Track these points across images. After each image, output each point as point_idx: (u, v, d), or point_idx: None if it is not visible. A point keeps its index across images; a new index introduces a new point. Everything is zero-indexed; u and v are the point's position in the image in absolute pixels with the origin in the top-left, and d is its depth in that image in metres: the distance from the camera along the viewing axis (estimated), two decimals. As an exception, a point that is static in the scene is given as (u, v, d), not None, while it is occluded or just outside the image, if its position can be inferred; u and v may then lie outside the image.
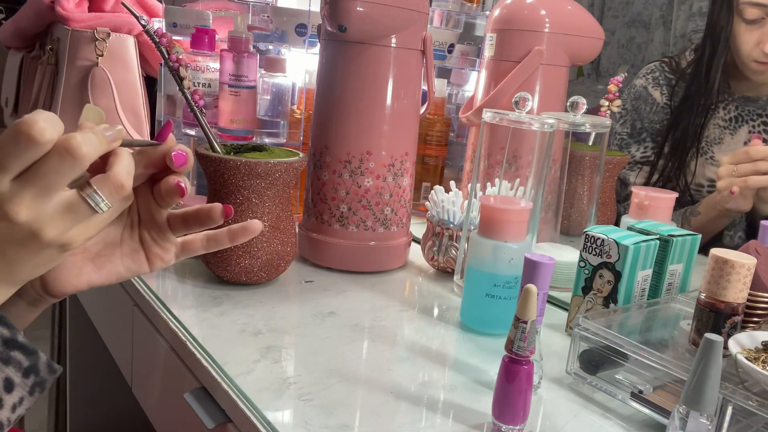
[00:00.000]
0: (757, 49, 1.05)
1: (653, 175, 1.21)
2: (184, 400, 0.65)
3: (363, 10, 0.82)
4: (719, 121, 1.16)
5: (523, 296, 0.53)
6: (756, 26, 1.05)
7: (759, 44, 1.04)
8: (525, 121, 0.80)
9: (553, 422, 0.59)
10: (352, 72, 0.87)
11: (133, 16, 0.80)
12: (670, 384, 0.58)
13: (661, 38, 1.41)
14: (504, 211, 0.73)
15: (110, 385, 1.48)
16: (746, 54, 1.07)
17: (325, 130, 0.90)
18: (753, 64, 1.07)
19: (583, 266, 0.74)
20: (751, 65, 1.08)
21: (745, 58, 1.08)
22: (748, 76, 1.11)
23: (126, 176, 0.46)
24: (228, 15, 1.17)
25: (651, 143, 1.20)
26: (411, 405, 0.59)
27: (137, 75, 1.33)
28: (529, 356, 0.55)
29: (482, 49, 1.08)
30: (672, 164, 1.18)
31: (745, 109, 1.14)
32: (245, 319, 0.73)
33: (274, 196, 0.79)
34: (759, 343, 0.58)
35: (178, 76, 0.80)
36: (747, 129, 1.14)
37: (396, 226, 0.92)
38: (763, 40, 1.03)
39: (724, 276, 0.61)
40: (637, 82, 1.24)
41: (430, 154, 1.26)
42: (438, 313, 0.82)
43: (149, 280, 0.82)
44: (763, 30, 1.03)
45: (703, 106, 1.14)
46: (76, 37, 1.26)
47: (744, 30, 1.07)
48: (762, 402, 0.51)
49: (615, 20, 1.46)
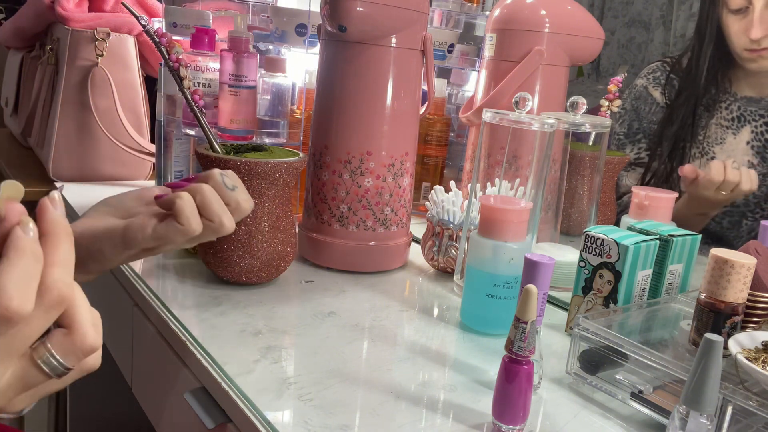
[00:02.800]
0: (744, 37, 1.07)
1: (646, 175, 1.21)
2: (184, 400, 0.65)
3: (363, 10, 0.82)
4: (722, 121, 1.16)
5: (523, 297, 0.53)
6: (742, 15, 1.07)
7: (746, 32, 1.06)
8: (525, 121, 0.80)
9: (553, 422, 0.59)
10: (352, 72, 0.87)
11: (133, 16, 0.80)
12: (670, 384, 0.58)
13: (661, 38, 1.41)
14: (504, 211, 0.73)
15: (110, 385, 1.48)
16: (737, 43, 1.10)
17: (325, 130, 0.90)
18: (744, 53, 1.10)
19: (583, 266, 0.74)
20: (743, 54, 1.10)
21: (737, 47, 1.10)
22: (742, 65, 1.12)
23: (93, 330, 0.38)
24: (228, 15, 1.17)
25: (645, 144, 1.21)
26: (411, 405, 0.59)
27: (137, 75, 1.34)
28: (529, 356, 0.55)
29: (482, 49, 1.08)
30: (667, 164, 1.18)
31: (747, 109, 1.14)
32: (245, 319, 0.73)
33: (274, 196, 0.79)
34: (759, 343, 0.58)
35: (178, 76, 0.80)
36: (749, 129, 1.14)
37: (396, 226, 0.92)
38: (749, 28, 1.05)
39: (724, 276, 0.61)
40: (638, 82, 1.24)
41: (430, 154, 1.26)
42: (438, 313, 0.82)
43: (149, 280, 0.82)
44: (749, 18, 1.05)
45: (695, 101, 1.16)
46: (76, 37, 1.26)
47: (732, 20, 1.09)
48: (762, 402, 0.51)
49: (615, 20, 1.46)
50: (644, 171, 1.21)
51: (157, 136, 1.14)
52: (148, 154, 1.32)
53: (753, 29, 1.05)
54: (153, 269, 0.86)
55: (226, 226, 0.56)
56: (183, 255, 0.91)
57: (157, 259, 0.90)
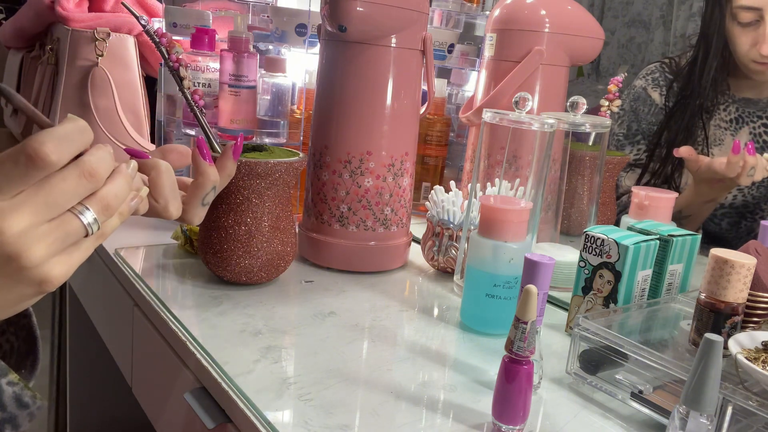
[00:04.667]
0: (754, 50, 1.06)
1: (643, 176, 1.21)
2: (184, 400, 0.65)
3: (363, 10, 0.82)
4: (720, 122, 1.16)
5: (524, 297, 0.53)
6: (751, 28, 1.06)
7: (755, 45, 1.05)
8: (525, 121, 0.80)
9: (553, 422, 0.59)
10: (352, 72, 0.87)
11: (133, 16, 0.80)
12: (670, 384, 0.58)
13: (661, 38, 1.41)
14: (504, 211, 0.73)
15: (110, 385, 1.48)
16: (744, 55, 1.09)
17: (325, 130, 0.90)
18: (752, 64, 1.08)
19: (583, 266, 0.74)
20: (750, 66, 1.09)
21: (744, 59, 1.09)
22: (748, 76, 1.11)
23: (113, 199, 0.42)
24: (228, 15, 1.17)
25: (644, 146, 1.21)
26: (411, 405, 0.59)
27: (137, 75, 1.34)
28: (529, 356, 0.55)
29: (482, 49, 1.08)
30: (665, 166, 1.18)
31: (745, 111, 1.14)
32: (245, 319, 0.73)
33: (274, 196, 0.79)
34: (759, 343, 0.58)
35: (178, 76, 0.80)
36: (748, 130, 1.14)
37: (396, 226, 0.92)
38: (760, 42, 1.04)
39: (724, 276, 0.61)
40: (636, 83, 1.24)
41: (430, 154, 1.26)
42: (438, 313, 0.82)
43: (149, 280, 0.82)
44: (758, 32, 1.05)
45: (698, 108, 1.15)
46: (76, 37, 1.26)
47: (740, 32, 1.08)
48: (762, 402, 0.51)
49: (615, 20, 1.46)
50: (642, 172, 1.21)
51: (157, 136, 1.14)
52: (148, 154, 1.31)
53: (765, 45, 1.04)
54: (153, 269, 0.86)
55: (170, 212, 0.51)
56: (183, 255, 0.91)
57: (157, 259, 0.90)
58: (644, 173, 1.20)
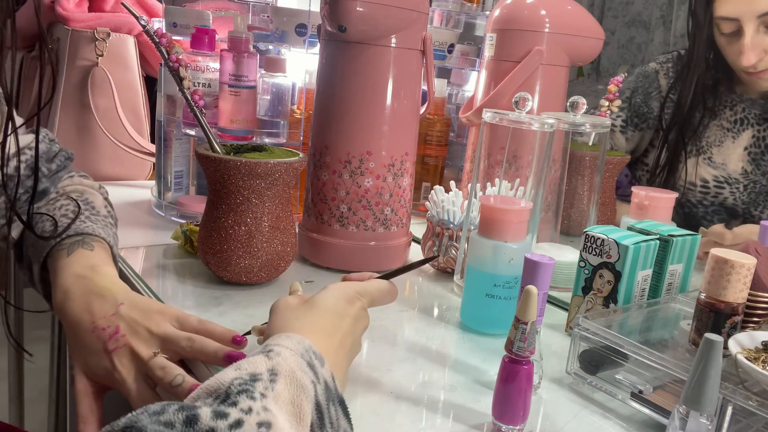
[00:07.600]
0: (739, 60, 1.05)
1: (640, 166, 1.22)
2: (184, 400, 0.65)
3: (363, 10, 0.82)
4: (723, 122, 1.16)
5: (524, 297, 0.53)
6: (734, 38, 1.06)
7: (739, 57, 1.05)
8: (525, 121, 0.80)
9: (553, 422, 0.59)
10: (352, 72, 0.87)
11: (133, 16, 0.80)
12: (670, 384, 0.58)
13: (661, 38, 1.41)
14: (504, 211, 0.73)
15: (110, 385, 1.47)
16: (734, 64, 1.09)
17: (325, 130, 0.90)
18: (743, 74, 1.09)
19: (583, 266, 0.74)
20: (742, 75, 1.10)
21: (735, 67, 1.09)
22: (744, 82, 1.12)
23: None
24: (228, 15, 1.17)
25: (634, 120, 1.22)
26: (411, 405, 0.59)
27: (137, 75, 1.34)
28: (529, 356, 0.55)
29: (482, 49, 1.08)
30: (664, 164, 1.18)
31: (751, 112, 1.14)
32: (245, 320, 0.73)
33: (274, 196, 0.79)
34: (759, 343, 0.59)
35: (178, 76, 0.80)
36: (751, 133, 1.14)
37: (396, 226, 0.92)
38: (742, 52, 1.04)
39: (724, 276, 0.61)
40: (650, 65, 1.24)
41: (430, 154, 1.26)
42: (438, 313, 0.82)
43: (149, 280, 0.82)
44: (741, 42, 1.04)
45: (691, 109, 1.15)
46: (76, 37, 1.26)
47: (725, 43, 1.08)
48: (762, 402, 0.51)
49: (615, 20, 1.46)
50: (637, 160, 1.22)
51: (157, 136, 1.14)
52: (148, 154, 1.32)
53: (745, 56, 1.03)
54: (153, 269, 0.86)
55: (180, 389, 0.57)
56: (183, 255, 0.91)
57: (157, 259, 0.90)
58: (642, 163, 1.22)
